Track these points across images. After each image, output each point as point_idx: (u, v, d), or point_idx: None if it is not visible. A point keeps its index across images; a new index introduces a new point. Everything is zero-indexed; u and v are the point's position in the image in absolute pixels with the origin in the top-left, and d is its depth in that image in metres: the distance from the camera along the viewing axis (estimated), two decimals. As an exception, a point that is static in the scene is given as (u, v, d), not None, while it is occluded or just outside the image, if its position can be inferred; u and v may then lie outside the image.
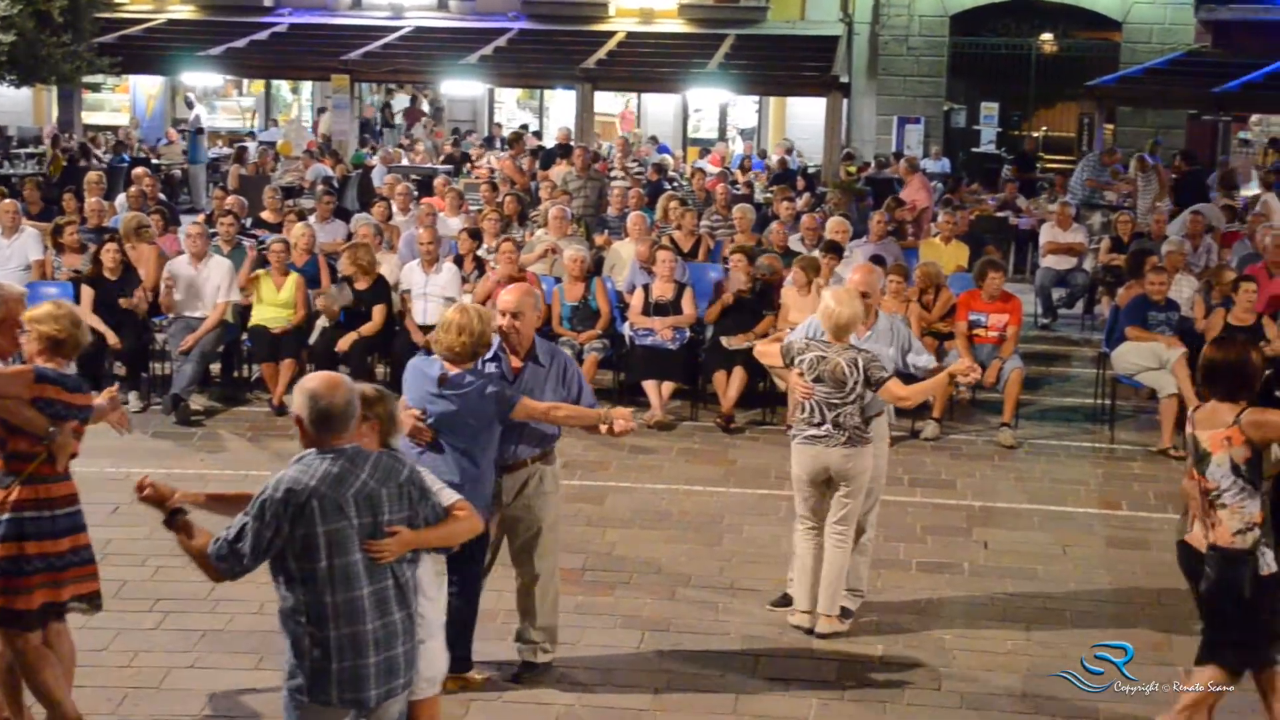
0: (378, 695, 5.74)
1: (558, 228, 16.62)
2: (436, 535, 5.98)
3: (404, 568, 5.84)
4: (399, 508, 5.80)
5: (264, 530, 5.57)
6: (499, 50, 27.64)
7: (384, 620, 5.73)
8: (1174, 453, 13.37)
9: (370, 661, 5.69)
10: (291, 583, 5.66)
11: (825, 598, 9.05)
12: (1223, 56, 28.30)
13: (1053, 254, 18.36)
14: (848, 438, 8.91)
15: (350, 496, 5.65)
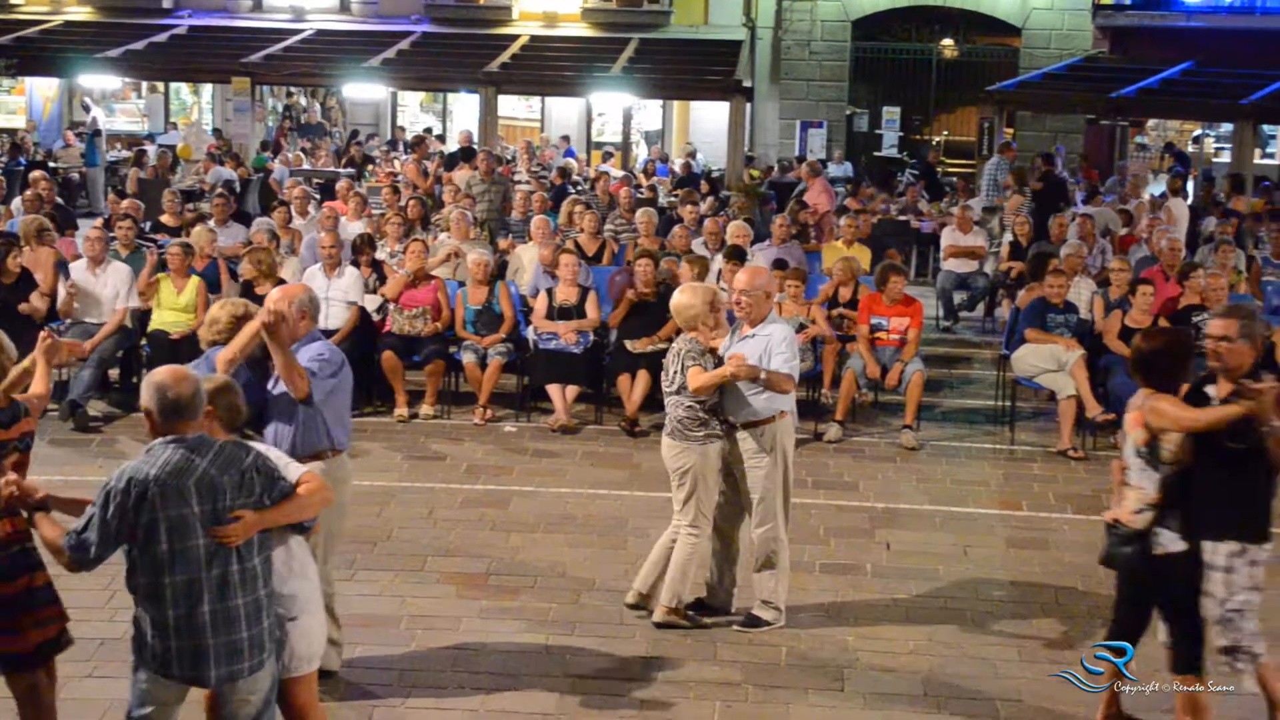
0: (219, 675, 5.96)
1: (461, 231, 16.59)
2: (281, 513, 6.15)
3: (250, 553, 6.02)
4: (241, 494, 5.97)
5: (109, 519, 5.81)
6: (402, 53, 27.50)
7: (225, 604, 5.92)
8: (1073, 454, 13.53)
9: (209, 642, 5.90)
10: (135, 565, 5.91)
11: (664, 588, 9.24)
12: (1120, 62, 28.71)
13: (954, 257, 18.53)
14: (671, 429, 9.14)
15: (191, 484, 5.85)
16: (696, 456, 9.08)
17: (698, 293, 9.25)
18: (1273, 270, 17.54)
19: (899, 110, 32.75)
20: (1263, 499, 7.24)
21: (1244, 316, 7.31)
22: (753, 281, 9.22)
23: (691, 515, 9.17)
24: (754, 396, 9.02)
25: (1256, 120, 23.56)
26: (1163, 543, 7.35)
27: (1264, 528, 7.25)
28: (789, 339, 9.11)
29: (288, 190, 20.26)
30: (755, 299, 9.12)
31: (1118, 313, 14.27)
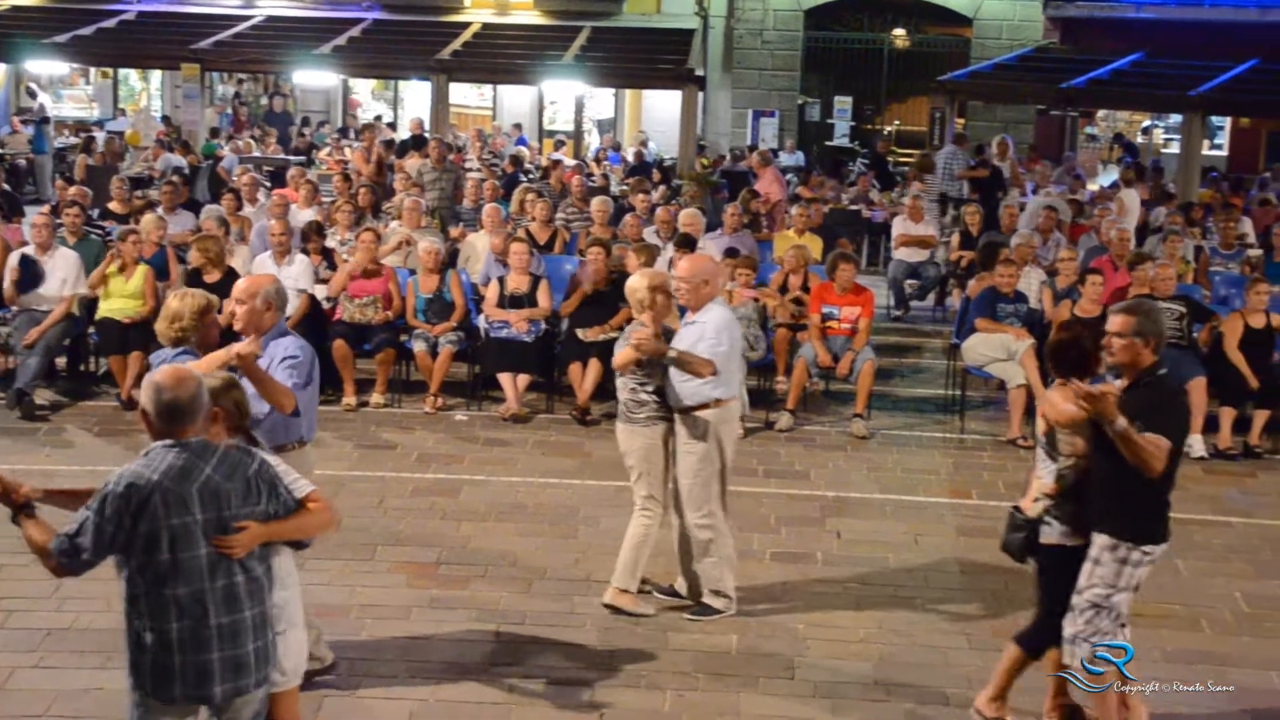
0: (224, 692, 5.69)
1: (412, 220, 16.54)
2: (288, 528, 5.93)
3: (255, 563, 5.78)
4: (247, 502, 5.73)
5: (105, 525, 5.50)
6: (353, 40, 27.33)
7: (232, 617, 5.67)
8: (1022, 442, 13.58)
9: (214, 657, 5.64)
10: (134, 576, 5.60)
11: (616, 570, 9.33)
12: (1070, 53, 28.82)
13: (904, 246, 18.58)
14: (618, 413, 9.33)
15: (194, 491, 5.58)
16: (639, 438, 9.17)
17: (646, 276, 9.30)
18: (1221, 261, 17.65)
19: (851, 100, 32.80)
20: (1145, 498, 7.15)
21: (1142, 314, 7.30)
22: (691, 270, 9.22)
23: (643, 497, 9.22)
24: (685, 383, 9.02)
25: (1205, 111, 23.64)
26: (1049, 533, 7.46)
27: (1143, 528, 7.21)
28: (722, 326, 9.07)
29: (237, 177, 20.14)
30: (693, 286, 9.12)
31: (1067, 302, 14.34)
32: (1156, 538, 7.24)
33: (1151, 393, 7.18)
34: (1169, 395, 7.34)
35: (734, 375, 9.29)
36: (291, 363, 7.73)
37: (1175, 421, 7.22)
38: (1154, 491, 7.14)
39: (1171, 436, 7.02)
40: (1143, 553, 7.18)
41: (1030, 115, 30.85)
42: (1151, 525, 7.23)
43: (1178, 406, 7.45)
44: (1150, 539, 7.21)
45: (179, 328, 7.64)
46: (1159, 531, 7.26)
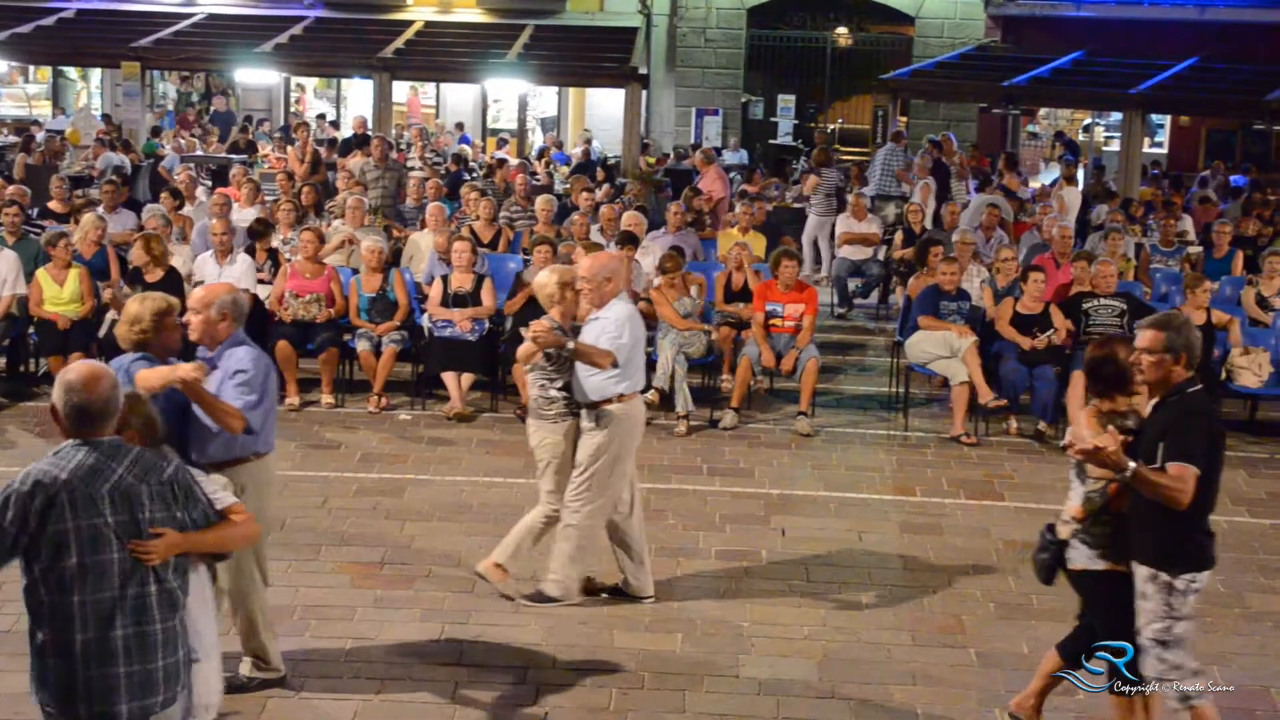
0: (130, 711, 5.42)
1: (354, 218, 16.46)
2: (209, 539, 5.74)
3: (169, 574, 5.55)
4: (160, 506, 5.52)
5: (9, 526, 5.26)
6: (295, 38, 27.17)
7: (141, 629, 5.44)
8: (965, 439, 13.67)
9: (120, 671, 5.39)
10: (37, 582, 5.35)
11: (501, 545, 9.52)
12: (1012, 51, 28.97)
13: (848, 244, 18.63)
14: (529, 408, 9.48)
15: (105, 491, 5.37)
16: (549, 434, 9.28)
17: (555, 273, 9.43)
18: (1161, 258, 17.78)
19: (794, 98, 32.85)
20: (1180, 525, 6.76)
21: (1171, 329, 6.85)
22: (593, 267, 9.33)
23: (547, 491, 9.41)
24: (589, 378, 9.14)
25: (1145, 109, 23.82)
26: (1075, 558, 7.21)
27: (1181, 555, 6.84)
28: (623, 320, 9.18)
29: (176, 176, 20.01)
30: (596, 284, 9.22)
31: (1009, 299, 14.42)
32: (1197, 564, 6.86)
33: (1175, 411, 6.80)
34: (1192, 413, 6.80)
35: (637, 370, 9.39)
36: (242, 379, 7.56)
37: (1199, 441, 6.71)
38: (1188, 517, 6.74)
39: (1195, 458, 6.62)
40: (1186, 580, 6.81)
41: (972, 113, 30.97)
42: (1189, 552, 6.86)
43: (1203, 424, 6.82)
44: (1190, 566, 6.84)
45: (139, 330, 7.46)
46: (1199, 558, 6.88)
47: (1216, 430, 6.87)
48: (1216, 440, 6.84)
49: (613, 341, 9.05)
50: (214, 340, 7.72)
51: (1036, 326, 14.08)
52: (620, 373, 9.11)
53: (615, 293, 9.30)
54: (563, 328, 9.18)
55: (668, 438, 13.57)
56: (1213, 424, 6.87)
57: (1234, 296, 15.74)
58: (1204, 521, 6.87)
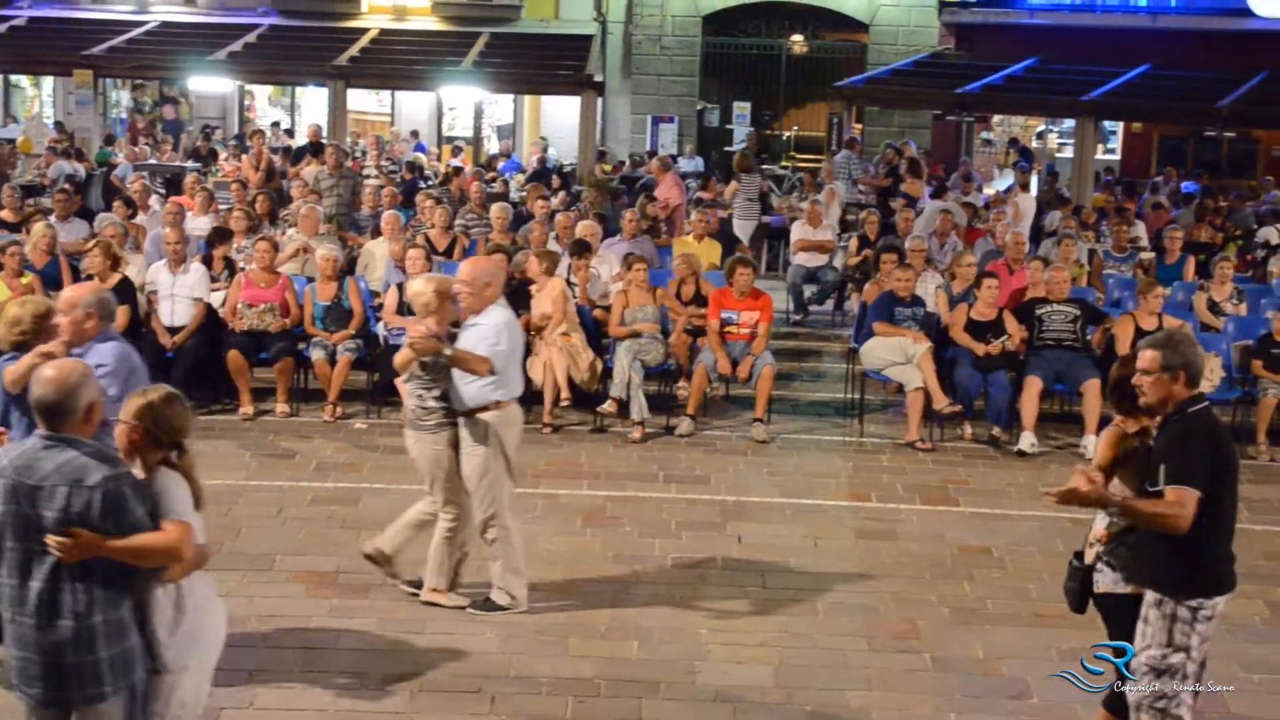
0: (47, 697, 5.72)
1: (308, 227, 16.41)
2: (123, 546, 5.68)
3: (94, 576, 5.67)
4: (73, 509, 5.58)
5: None
6: (249, 46, 27.10)
7: (51, 621, 5.64)
8: (920, 445, 13.71)
9: (35, 657, 5.68)
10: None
11: (427, 572, 9.54)
12: (966, 58, 29.11)
13: (803, 251, 18.66)
14: (407, 419, 9.47)
15: (27, 484, 5.60)
16: (427, 445, 9.29)
17: (432, 281, 9.47)
18: (1114, 264, 17.88)
19: (749, 105, 32.90)
20: (1188, 549, 6.50)
21: (1169, 346, 6.66)
22: (472, 273, 9.38)
23: (442, 501, 9.39)
24: (466, 386, 9.16)
25: (1098, 116, 23.99)
26: (1100, 580, 7.09)
27: (1188, 580, 6.58)
28: (501, 327, 9.22)
29: (129, 185, 19.92)
30: (475, 289, 9.27)
31: (963, 306, 14.49)
32: (1206, 590, 6.59)
33: (1176, 431, 6.57)
34: (1192, 434, 6.55)
35: (515, 377, 9.44)
36: (102, 372, 7.37)
37: (1198, 463, 6.47)
38: (1198, 540, 6.48)
39: (1194, 480, 6.39)
40: (1189, 608, 6.55)
41: (926, 120, 31.09)
42: (1198, 577, 6.60)
43: (1203, 445, 6.55)
44: (1197, 592, 6.57)
45: (19, 331, 7.65)
46: (1210, 583, 6.61)
47: (1223, 449, 6.63)
48: (1223, 459, 6.58)
49: (490, 348, 9.09)
50: (82, 339, 7.76)
51: (990, 332, 14.13)
52: (497, 380, 9.14)
53: (494, 298, 9.35)
54: (439, 335, 9.18)
55: (623, 445, 13.58)
56: (1217, 442, 6.62)
57: (1186, 302, 15.84)
58: (1218, 545, 6.61)
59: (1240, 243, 20.88)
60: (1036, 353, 14.11)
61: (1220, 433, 6.74)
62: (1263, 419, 13.92)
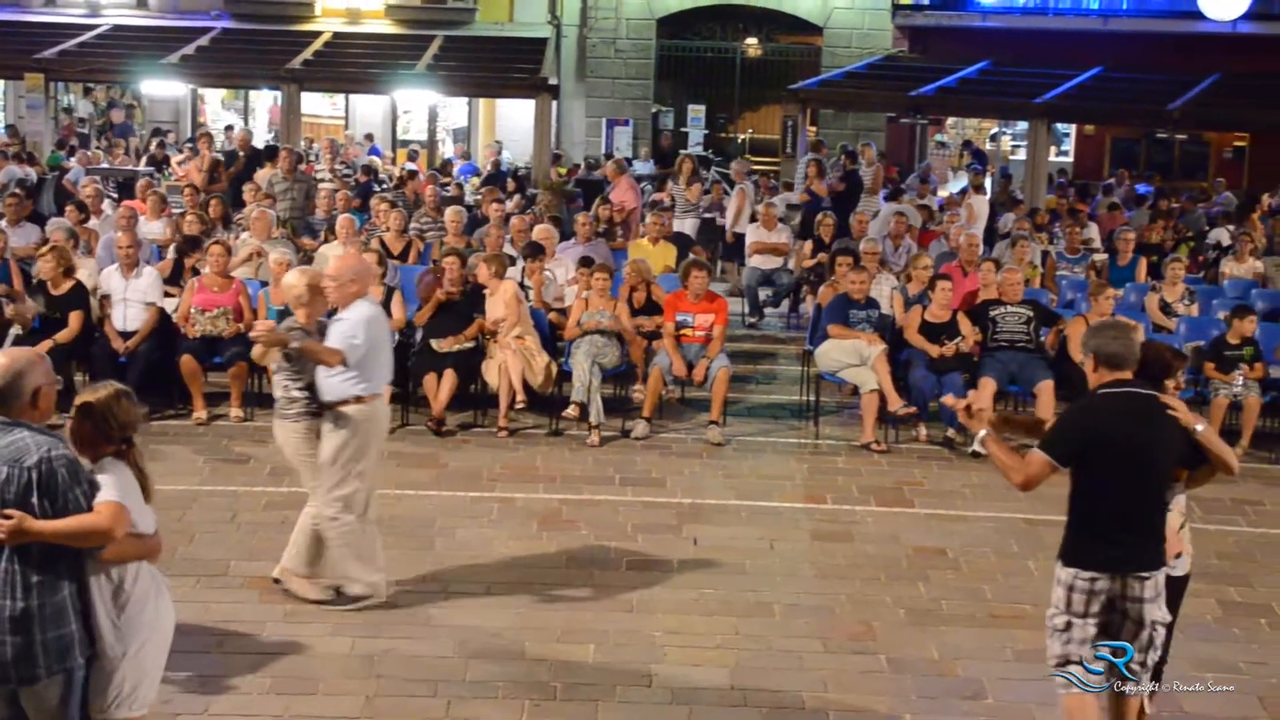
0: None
1: (261, 231, 16.33)
2: (51, 530, 5.77)
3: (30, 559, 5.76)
4: (18, 491, 5.71)
5: None
6: (201, 50, 27.00)
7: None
8: (875, 447, 13.75)
9: None
10: None
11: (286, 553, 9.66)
12: (919, 61, 29.22)
13: (758, 254, 18.68)
14: (275, 409, 9.63)
15: None
16: (291, 434, 9.45)
17: (304, 275, 9.65)
18: (1067, 265, 17.99)
19: (704, 108, 32.96)
20: (1073, 520, 6.89)
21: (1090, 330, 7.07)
22: (339, 269, 9.55)
23: (310, 490, 9.52)
24: (327, 379, 9.27)
25: (1050, 118, 24.12)
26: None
27: (1069, 548, 6.90)
28: (361, 322, 9.31)
29: (81, 189, 19.79)
30: (340, 285, 9.40)
31: (918, 308, 14.54)
32: (1079, 561, 6.84)
33: (1071, 407, 6.94)
34: (1079, 410, 7.09)
35: (378, 373, 9.50)
36: None
37: (1063, 435, 6.91)
38: (1076, 514, 6.89)
39: (1052, 449, 6.80)
40: (1071, 574, 6.83)
41: (881, 123, 31.22)
42: (1074, 547, 6.89)
43: (1077, 420, 7.05)
44: (1072, 561, 6.87)
45: None
46: (1080, 556, 6.85)
47: (1101, 434, 6.81)
48: (1096, 444, 6.80)
49: (345, 341, 9.21)
50: None
51: (944, 334, 14.19)
52: (358, 374, 9.24)
53: (360, 294, 9.47)
54: (307, 329, 9.34)
55: (580, 448, 13.57)
56: (1095, 425, 6.85)
57: (1138, 303, 15.93)
58: (1093, 522, 6.84)
59: (1192, 244, 21.05)
60: (990, 354, 14.17)
61: (1104, 418, 6.87)
62: (1215, 420, 13.97)
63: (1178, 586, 7.30)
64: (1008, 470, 6.95)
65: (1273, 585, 10.55)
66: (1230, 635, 9.59)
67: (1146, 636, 6.87)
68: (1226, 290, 16.86)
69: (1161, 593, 6.90)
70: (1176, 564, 7.24)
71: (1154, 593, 6.84)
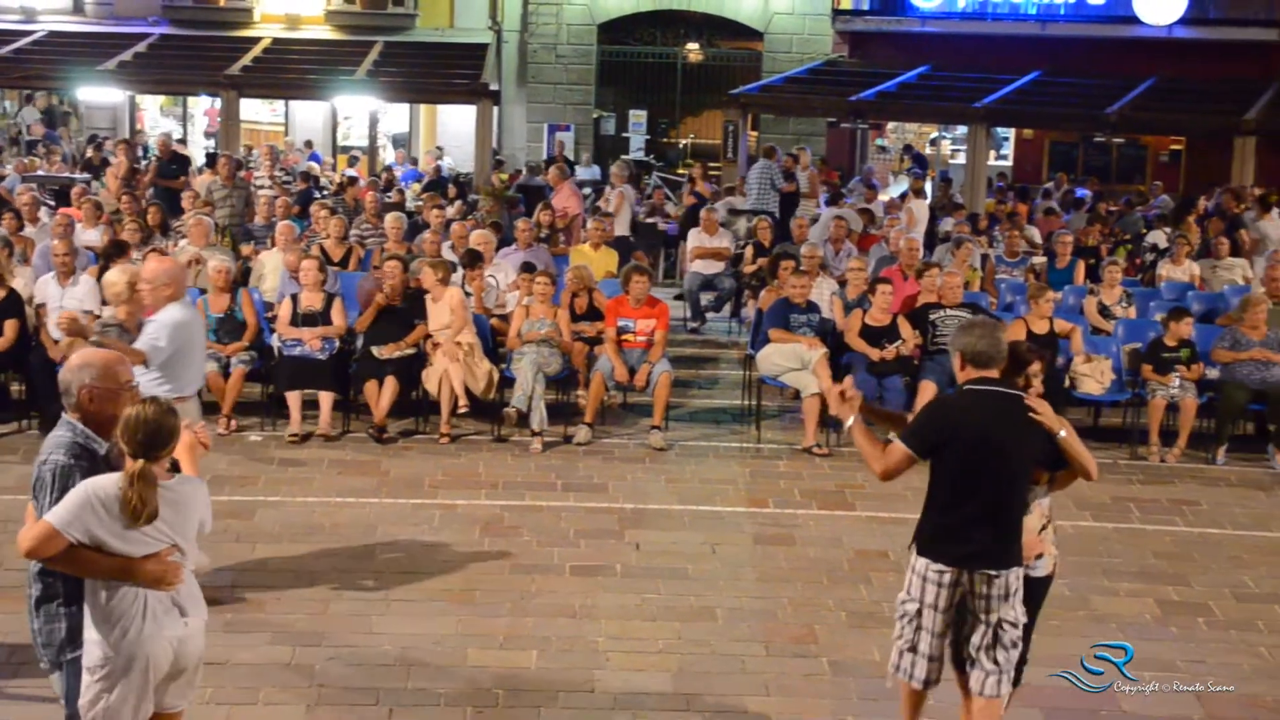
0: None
1: (200, 237, 16.24)
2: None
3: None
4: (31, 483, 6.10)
5: None
6: (139, 56, 26.77)
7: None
8: (817, 450, 13.79)
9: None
10: None
11: None
12: (859, 66, 29.30)
13: (700, 259, 18.71)
14: None
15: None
16: None
17: (125, 273, 9.98)
18: (1006, 268, 18.09)
19: (645, 113, 32.98)
20: (931, 512, 7.06)
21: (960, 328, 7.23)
22: (152, 273, 9.77)
23: None
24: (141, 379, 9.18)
25: (989, 123, 24.24)
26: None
27: (926, 541, 7.06)
28: (167, 324, 9.48)
29: (17, 196, 19.62)
30: (154, 288, 9.61)
31: (858, 311, 14.59)
32: (930, 553, 7.02)
33: (932, 401, 7.03)
34: (937, 405, 7.24)
35: (181, 375, 9.61)
36: None
37: (920, 428, 7.04)
38: (927, 504, 7.08)
39: (909, 440, 6.93)
40: (924, 564, 7.02)
41: (821, 128, 31.33)
42: (928, 538, 7.06)
43: (934, 414, 7.24)
44: (924, 552, 7.05)
45: None
46: (933, 548, 7.01)
47: (954, 431, 6.91)
48: (949, 439, 6.90)
49: (150, 343, 9.39)
50: None
51: (885, 338, 14.25)
52: (162, 376, 9.40)
53: (173, 298, 9.63)
54: (125, 326, 9.64)
55: (523, 454, 13.55)
56: (949, 422, 6.98)
57: (1077, 305, 16.05)
58: (946, 516, 6.96)
59: (1129, 247, 21.21)
60: (931, 357, 14.24)
61: (961, 414, 7.00)
62: (1153, 421, 14.12)
63: (1039, 588, 7.41)
64: (870, 459, 7.05)
65: (1210, 585, 10.64)
66: (1168, 634, 9.66)
67: (992, 635, 6.96)
68: (1163, 292, 16.98)
69: (1013, 592, 6.96)
70: (1037, 565, 7.33)
71: (1002, 591, 6.91)
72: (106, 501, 5.89)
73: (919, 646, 7.11)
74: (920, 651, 7.12)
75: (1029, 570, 7.15)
